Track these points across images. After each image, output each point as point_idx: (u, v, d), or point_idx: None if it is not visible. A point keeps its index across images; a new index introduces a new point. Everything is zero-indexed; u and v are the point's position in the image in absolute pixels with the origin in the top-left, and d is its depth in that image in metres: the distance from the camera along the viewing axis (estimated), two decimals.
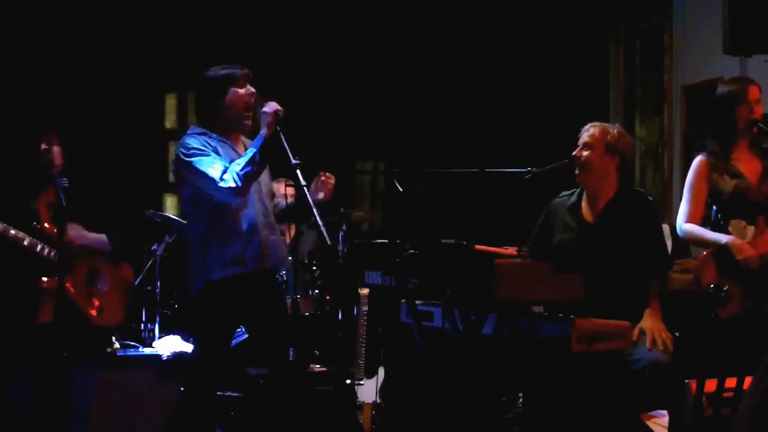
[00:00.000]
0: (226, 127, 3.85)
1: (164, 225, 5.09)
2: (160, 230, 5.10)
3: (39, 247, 4.30)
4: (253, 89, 3.84)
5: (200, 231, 3.78)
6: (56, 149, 4.39)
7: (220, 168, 3.65)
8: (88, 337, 4.52)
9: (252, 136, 3.80)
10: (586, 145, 3.92)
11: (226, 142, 3.83)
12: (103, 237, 4.60)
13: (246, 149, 3.82)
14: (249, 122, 3.83)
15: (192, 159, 3.70)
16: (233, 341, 4.87)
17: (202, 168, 3.67)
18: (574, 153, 3.93)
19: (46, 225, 4.38)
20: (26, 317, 4.30)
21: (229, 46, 5.82)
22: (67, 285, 4.35)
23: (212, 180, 3.64)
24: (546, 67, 6.60)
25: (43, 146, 4.33)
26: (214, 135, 3.81)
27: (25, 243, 4.27)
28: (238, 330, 5.05)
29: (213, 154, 3.72)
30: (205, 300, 3.80)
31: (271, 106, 3.74)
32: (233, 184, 3.62)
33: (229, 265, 3.77)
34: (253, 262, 3.81)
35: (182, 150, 3.73)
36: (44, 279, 4.30)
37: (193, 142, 3.74)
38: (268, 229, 3.88)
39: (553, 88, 6.56)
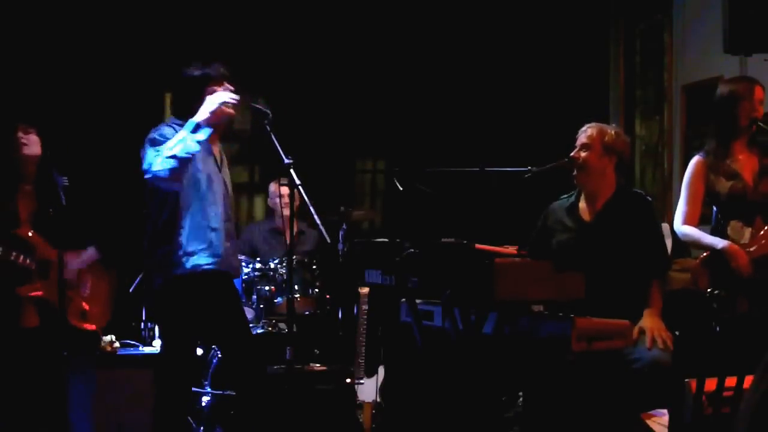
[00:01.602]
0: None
1: None
2: None
3: (13, 255, 4.19)
4: (230, 89, 3.82)
5: (165, 221, 3.75)
6: (33, 138, 4.30)
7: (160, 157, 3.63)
8: (72, 341, 4.43)
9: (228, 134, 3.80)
10: (583, 146, 3.92)
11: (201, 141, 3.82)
12: (92, 251, 4.53)
13: (221, 151, 3.84)
14: (229, 115, 3.80)
15: (148, 146, 3.70)
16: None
17: (147, 155, 3.68)
18: (572, 154, 3.94)
19: (26, 231, 4.29)
20: (8, 324, 4.23)
21: (229, 45, 5.82)
22: (42, 291, 4.26)
23: (147, 165, 3.65)
24: (546, 67, 6.59)
25: (20, 134, 4.25)
26: None
27: None
28: None
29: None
30: (170, 294, 3.77)
31: (218, 96, 3.68)
32: (159, 167, 3.61)
33: (196, 260, 3.76)
34: (219, 263, 3.83)
35: (152, 136, 3.72)
36: (21, 287, 4.22)
37: (167, 131, 3.73)
38: (227, 234, 3.89)
39: (553, 87, 6.56)
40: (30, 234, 4.30)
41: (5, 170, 4.31)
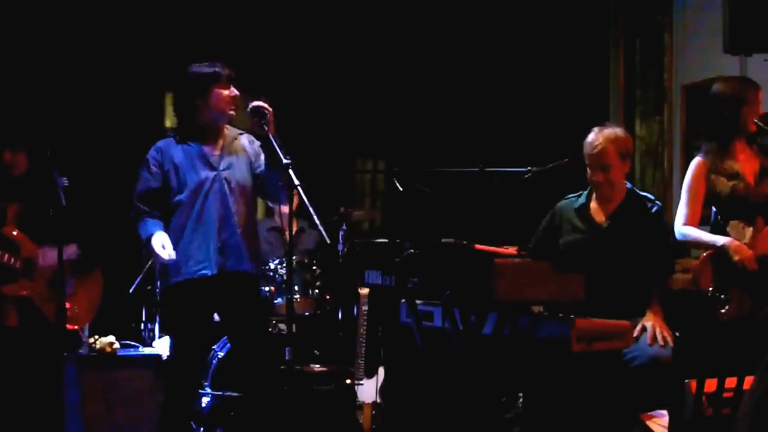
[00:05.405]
0: (204, 124, 3.85)
1: None
2: None
3: None
4: (236, 92, 3.83)
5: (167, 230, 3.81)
6: (20, 157, 4.44)
7: (139, 195, 3.83)
8: (52, 339, 4.37)
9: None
10: (604, 167, 3.87)
11: (193, 146, 3.83)
12: (71, 248, 4.50)
13: (227, 138, 3.85)
14: (231, 117, 3.86)
15: (142, 168, 3.87)
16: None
17: (138, 184, 3.87)
18: (593, 178, 3.89)
19: (11, 230, 4.32)
20: None
21: (229, 45, 5.82)
22: (27, 291, 4.27)
23: (135, 193, 3.85)
24: (546, 67, 6.59)
25: (7, 155, 4.36)
26: (187, 141, 3.83)
27: None
28: None
29: (151, 174, 3.83)
30: (169, 302, 3.88)
31: (159, 250, 3.72)
32: (132, 217, 3.84)
33: (187, 271, 3.78)
34: (211, 267, 3.81)
35: (146, 157, 3.89)
36: (6, 286, 4.24)
37: (152, 155, 3.86)
38: (228, 231, 3.85)
39: (553, 87, 6.55)
40: (15, 233, 4.32)
41: None
